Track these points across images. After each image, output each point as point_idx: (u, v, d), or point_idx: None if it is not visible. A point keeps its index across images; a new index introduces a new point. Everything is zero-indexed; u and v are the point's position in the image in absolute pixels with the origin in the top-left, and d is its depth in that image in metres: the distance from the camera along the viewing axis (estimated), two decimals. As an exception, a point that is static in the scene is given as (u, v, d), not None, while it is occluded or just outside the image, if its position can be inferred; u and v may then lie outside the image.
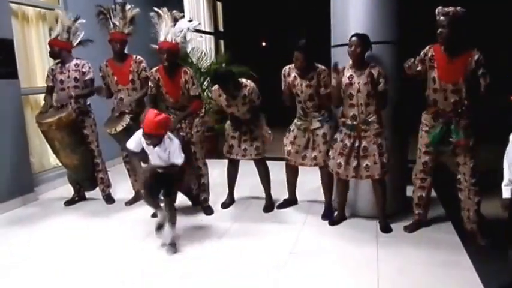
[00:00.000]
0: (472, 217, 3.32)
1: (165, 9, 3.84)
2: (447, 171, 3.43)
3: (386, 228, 3.56)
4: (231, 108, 3.95)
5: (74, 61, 4.26)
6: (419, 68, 3.32)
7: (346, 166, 3.51)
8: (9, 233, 3.79)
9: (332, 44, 3.95)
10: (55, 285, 2.87)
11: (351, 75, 3.45)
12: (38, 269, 3.10)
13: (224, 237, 3.57)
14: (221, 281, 2.86)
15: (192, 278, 2.89)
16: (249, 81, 3.96)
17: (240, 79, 3.95)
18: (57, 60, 4.32)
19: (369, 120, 3.44)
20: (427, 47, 3.31)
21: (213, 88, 4.08)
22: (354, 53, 3.39)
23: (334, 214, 3.88)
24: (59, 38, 4.19)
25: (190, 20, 4.01)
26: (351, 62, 3.48)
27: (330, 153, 3.64)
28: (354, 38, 3.38)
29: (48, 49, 4.24)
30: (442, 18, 3.08)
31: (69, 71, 4.22)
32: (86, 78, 4.24)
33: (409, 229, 3.54)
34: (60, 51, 4.21)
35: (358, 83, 3.41)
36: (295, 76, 3.76)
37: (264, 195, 4.24)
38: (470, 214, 3.32)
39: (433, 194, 3.71)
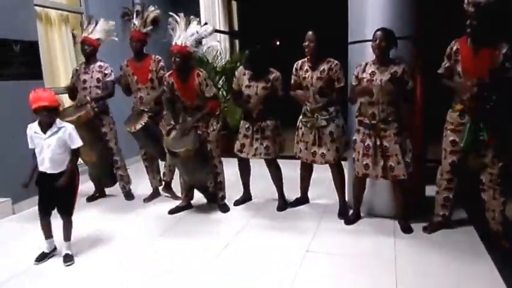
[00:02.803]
0: (497, 218, 3.22)
1: (181, 14, 3.92)
2: (469, 172, 3.34)
3: (406, 229, 3.51)
4: (250, 90, 3.94)
5: (98, 63, 4.40)
6: (447, 65, 3.23)
7: (374, 166, 3.43)
8: (31, 228, 3.87)
9: (349, 40, 3.92)
10: (66, 279, 2.98)
11: (373, 71, 3.38)
12: (51, 264, 3.21)
13: (239, 235, 3.63)
14: (236, 279, 2.88)
15: (205, 277, 2.93)
16: (276, 71, 3.98)
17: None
18: (82, 61, 4.47)
19: (389, 119, 3.37)
20: (453, 41, 3.22)
21: (240, 69, 4.11)
22: (378, 46, 3.29)
23: (349, 212, 3.90)
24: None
25: (205, 24, 4.07)
26: (374, 57, 3.41)
27: (353, 156, 3.59)
28: (378, 32, 3.30)
29: (86, 47, 4.32)
30: (471, 9, 2.96)
31: (93, 71, 4.36)
32: (107, 79, 4.37)
33: (429, 230, 3.49)
34: (94, 49, 4.37)
35: (381, 80, 3.33)
36: (306, 69, 3.79)
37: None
38: (495, 215, 3.22)
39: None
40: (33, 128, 3.09)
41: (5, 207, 4.23)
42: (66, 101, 5.22)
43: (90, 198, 4.69)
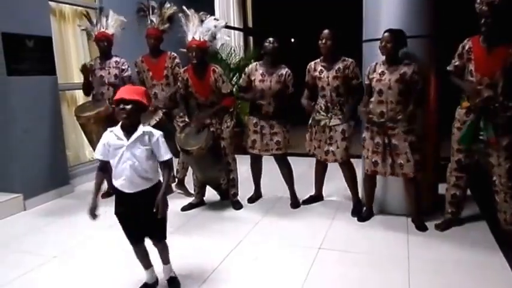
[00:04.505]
0: (509, 220, 3.23)
1: (192, 10, 3.92)
2: (482, 169, 3.33)
3: (421, 227, 3.49)
4: (263, 84, 3.92)
5: (114, 58, 4.39)
6: (457, 63, 3.25)
7: (383, 164, 3.46)
8: (43, 224, 3.93)
9: (364, 38, 3.91)
10: (77, 275, 2.97)
11: (382, 71, 3.41)
12: (64, 262, 3.20)
13: (252, 232, 3.60)
14: (248, 276, 2.88)
15: (218, 273, 2.91)
16: (287, 67, 3.99)
17: None
18: (96, 56, 4.47)
19: (397, 118, 3.38)
20: (466, 40, 3.22)
21: (251, 65, 4.12)
22: (384, 49, 3.35)
23: (363, 210, 3.86)
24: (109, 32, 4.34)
25: (217, 19, 4.06)
26: (384, 58, 3.44)
27: (363, 154, 3.61)
28: (386, 34, 3.33)
29: (105, 43, 4.33)
30: (484, 8, 2.97)
31: (109, 67, 4.35)
32: (124, 74, 4.36)
33: (441, 227, 3.47)
34: (111, 44, 4.37)
35: (389, 79, 3.36)
36: (321, 70, 3.78)
37: (291, 191, 4.26)
38: (507, 217, 3.24)
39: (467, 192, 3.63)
40: (113, 132, 2.44)
41: (17, 203, 4.22)
42: (80, 96, 5.25)
43: (106, 195, 4.65)
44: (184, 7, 3.95)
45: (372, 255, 3.11)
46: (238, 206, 4.17)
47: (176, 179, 4.63)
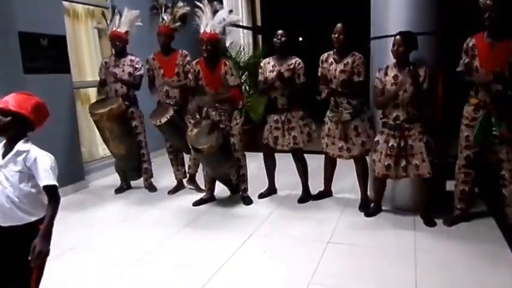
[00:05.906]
0: None
1: (205, 1, 3.96)
2: (490, 166, 3.35)
3: (429, 223, 3.50)
4: (273, 74, 3.97)
5: (129, 57, 4.45)
6: (467, 61, 3.25)
7: (395, 167, 3.44)
8: (64, 216, 3.94)
9: (372, 35, 3.91)
10: (84, 268, 3.03)
11: (395, 74, 3.40)
12: (67, 254, 3.29)
13: (262, 226, 3.65)
14: (257, 270, 2.92)
15: (227, 268, 2.93)
16: (298, 58, 4.05)
17: None
18: (111, 54, 4.54)
19: (414, 119, 3.39)
20: (469, 38, 3.24)
21: (265, 60, 4.20)
22: (396, 52, 3.34)
23: (370, 206, 3.89)
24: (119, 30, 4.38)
25: (231, 11, 4.12)
26: (394, 61, 3.43)
27: (374, 157, 3.57)
28: (397, 37, 3.32)
29: (118, 43, 4.37)
30: (489, 2, 2.98)
31: (124, 65, 4.41)
32: (137, 73, 4.41)
33: (449, 223, 3.48)
34: (125, 43, 4.43)
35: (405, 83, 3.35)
36: (331, 62, 3.82)
37: (300, 187, 4.30)
38: None
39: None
40: None
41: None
42: (93, 94, 5.35)
43: (119, 190, 4.76)
44: (196, 3, 3.98)
45: (379, 249, 3.14)
46: (248, 201, 4.23)
47: (188, 175, 4.71)
